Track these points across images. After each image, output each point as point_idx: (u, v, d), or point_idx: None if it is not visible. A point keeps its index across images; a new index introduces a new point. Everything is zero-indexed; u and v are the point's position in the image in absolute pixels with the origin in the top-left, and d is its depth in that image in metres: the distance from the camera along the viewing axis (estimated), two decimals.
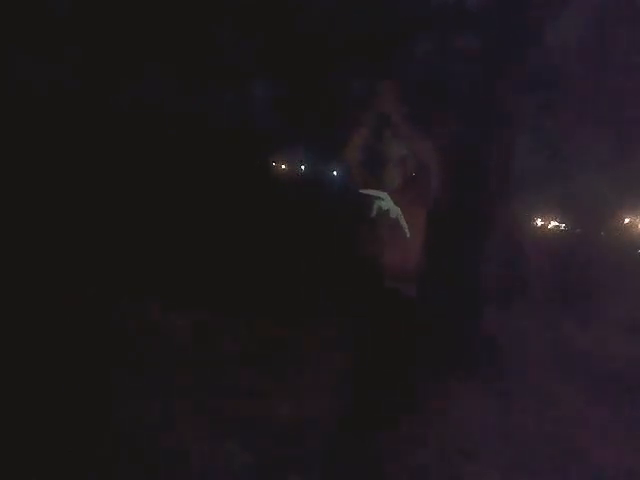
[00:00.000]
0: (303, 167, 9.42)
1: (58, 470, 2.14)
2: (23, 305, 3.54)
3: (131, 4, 5.19)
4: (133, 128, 5.67)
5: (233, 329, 4.09)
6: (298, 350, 3.80)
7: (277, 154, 8.25)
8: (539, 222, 15.72)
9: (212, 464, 2.39)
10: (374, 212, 2.25)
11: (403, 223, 2.21)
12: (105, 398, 2.73)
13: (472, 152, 4.54)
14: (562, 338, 5.34)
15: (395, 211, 2.25)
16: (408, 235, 2.20)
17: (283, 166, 9.56)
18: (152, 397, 2.82)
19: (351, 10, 5.20)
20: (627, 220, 13.68)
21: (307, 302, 4.49)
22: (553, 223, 16.48)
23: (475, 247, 4.53)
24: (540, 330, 5.58)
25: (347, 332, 2.19)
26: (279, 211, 5.52)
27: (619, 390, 3.88)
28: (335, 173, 8.42)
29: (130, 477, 2.23)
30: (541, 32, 4.79)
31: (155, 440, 2.48)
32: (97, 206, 5.06)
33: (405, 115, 2.17)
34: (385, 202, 2.25)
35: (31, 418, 2.42)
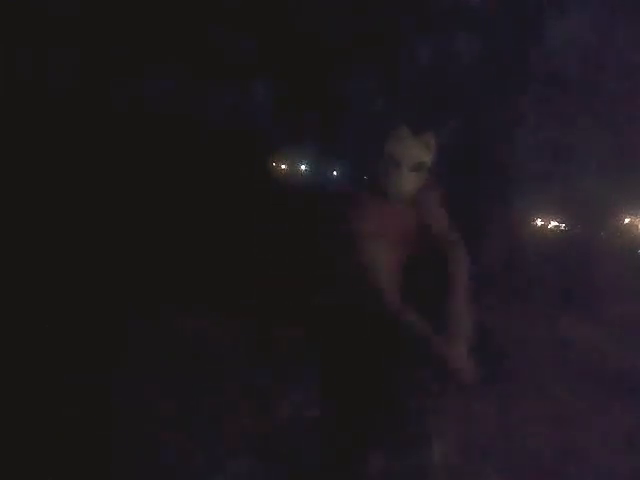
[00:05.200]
0: (303, 167, 9.42)
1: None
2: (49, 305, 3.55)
3: (131, 4, 5.19)
4: (133, 128, 5.66)
5: (233, 330, 4.09)
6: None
7: (277, 154, 8.25)
8: (539, 222, 15.68)
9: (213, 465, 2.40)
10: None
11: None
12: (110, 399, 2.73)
13: (472, 152, 4.54)
14: (562, 338, 5.34)
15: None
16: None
17: (283, 166, 9.55)
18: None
19: (351, 10, 5.20)
20: (627, 220, 13.66)
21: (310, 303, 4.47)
22: (553, 223, 16.46)
23: (475, 247, 4.52)
24: (540, 330, 5.58)
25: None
26: (280, 211, 5.51)
27: (619, 390, 3.88)
28: (335, 173, 8.41)
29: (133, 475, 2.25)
30: (541, 32, 4.79)
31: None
32: (97, 206, 5.06)
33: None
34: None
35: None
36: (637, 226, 13.85)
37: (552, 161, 6.85)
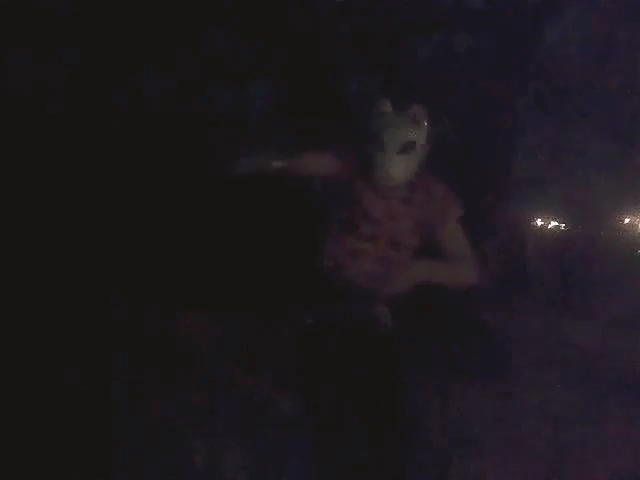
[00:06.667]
0: None
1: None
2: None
3: (130, 4, 5.20)
4: (132, 128, 5.66)
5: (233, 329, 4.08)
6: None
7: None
8: (539, 222, 15.70)
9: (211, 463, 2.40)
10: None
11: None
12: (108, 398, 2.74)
13: (472, 152, 4.54)
14: (562, 338, 5.34)
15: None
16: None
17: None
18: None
19: (352, 10, 5.21)
20: (627, 220, 13.68)
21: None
22: (553, 223, 16.48)
23: (475, 247, 4.52)
24: (540, 330, 5.58)
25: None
26: (279, 211, 5.50)
27: (619, 390, 3.88)
28: None
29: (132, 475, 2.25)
30: (541, 32, 4.80)
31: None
32: (97, 205, 5.06)
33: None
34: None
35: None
36: (637, 226, 13.88)
37: (552, 161, 6.85)
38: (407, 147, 1.69)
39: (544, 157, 7.04)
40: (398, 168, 1.69)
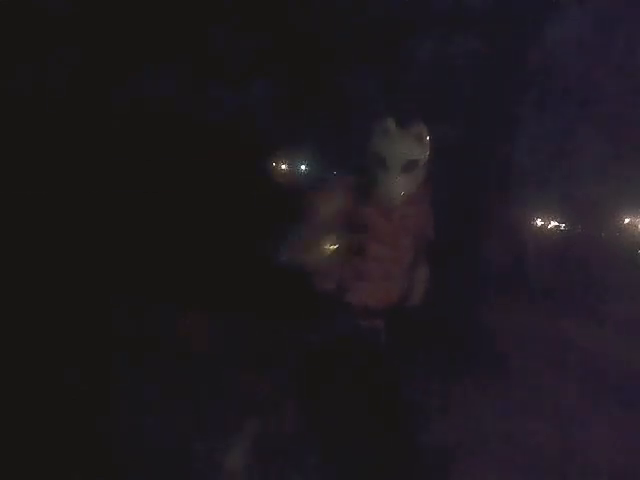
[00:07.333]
0: (303, 167, 9.41)
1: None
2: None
3: (130, 3, 5.19)
4: (132, 128, 5.66)
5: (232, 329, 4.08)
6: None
7: (277, 154, 8.24)
8: (539, 222, 15.71)
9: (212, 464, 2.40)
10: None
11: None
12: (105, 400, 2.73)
13: (472, 151, 4.54)
14: (562, 338, 5.34)
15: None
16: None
17: (283, 166, 9.54)
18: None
19: (352, 10, 5.20)
20: (627, 220, 13.70)
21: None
22: (553, 223, 16.48)
23: (475, 247, 4.53)
24: (540, 329, 5.58)
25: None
26: (279, 212, 5.50)
27: (619, 390, 3.88)
28: (335, 173, 8.37)
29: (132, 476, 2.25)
30: (541, 32, 4.79)
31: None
32: (95, 205, 5.06)
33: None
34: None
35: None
36: (637, 226, 13.88)
37: (552, 161, 6.85)
38: (410, 165, 1.64)
39: (544, 157, 7.05)
40: (401, 187, 1.64)
